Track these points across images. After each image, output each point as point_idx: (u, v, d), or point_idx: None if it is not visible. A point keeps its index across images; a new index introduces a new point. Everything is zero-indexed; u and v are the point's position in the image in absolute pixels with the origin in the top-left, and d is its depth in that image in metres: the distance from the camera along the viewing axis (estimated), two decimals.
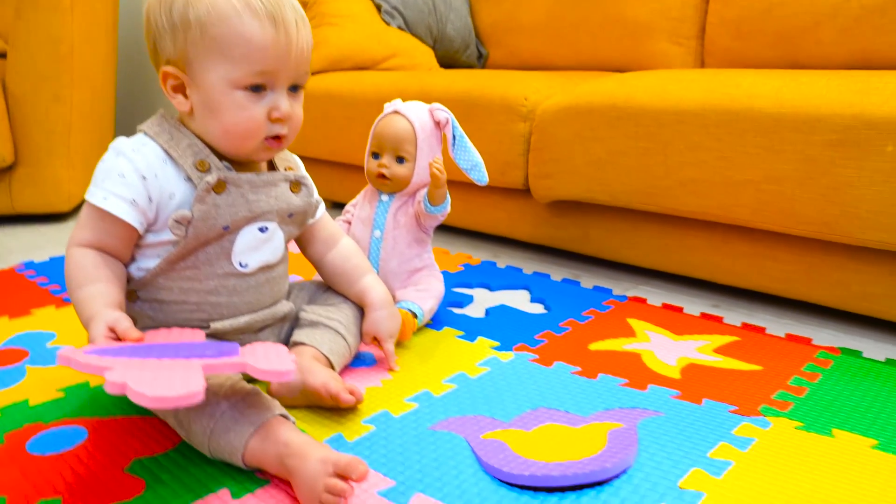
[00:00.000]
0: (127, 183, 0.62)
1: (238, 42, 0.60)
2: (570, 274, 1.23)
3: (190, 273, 0.67)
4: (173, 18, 0.60)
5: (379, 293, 0.80)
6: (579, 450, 0.60)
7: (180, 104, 0.64)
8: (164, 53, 0.62)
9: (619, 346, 0.88)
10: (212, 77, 0.61)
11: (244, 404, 0.60)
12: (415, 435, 0.66)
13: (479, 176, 0.96)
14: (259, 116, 0.63)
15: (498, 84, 1.32)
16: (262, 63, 0.61)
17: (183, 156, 0.63)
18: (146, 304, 0.68)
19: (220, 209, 0.64)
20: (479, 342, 0.89)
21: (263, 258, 0.69)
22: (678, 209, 1.06)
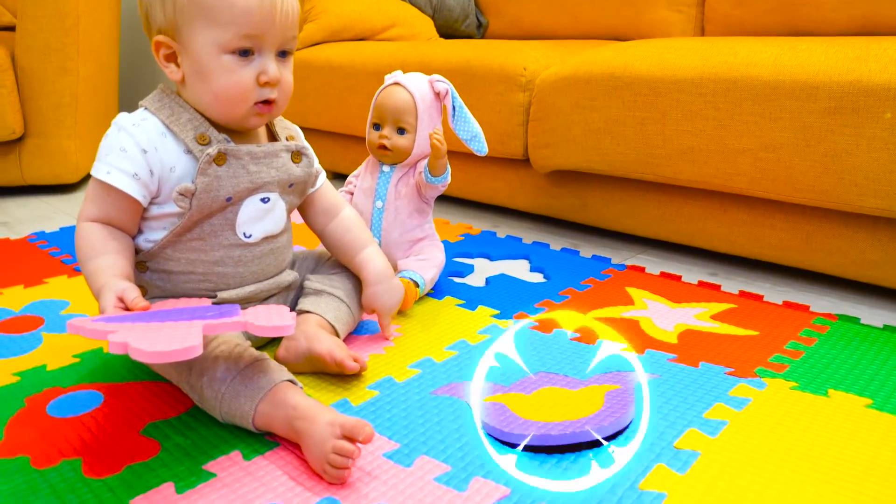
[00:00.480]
0: (128, 157, 0.62)
1: (223, 6, 0.60)
2: (569, 243, 1.23)
3: (196, 244, 0.67)
4: None
5: (377, 266, 0.78)
6: (577, 411, 0.61)
7: (172, 73, 0.64)
8: (155, 23, 0.63)
9: (617, 313, 0.89)
10: (200, 42, 0.61)
11: (253, 370, 0.60)
12: (418, 399, 0.67)
13: (478, 146, 0.95)
14: (247, 80, 0.63)
15: (497, 54, 1.30)
16: (248, 26, 0.61)
17: (183, 130, 0.64)
18: (155, 274, 0.69)
19: (221, 181, 0.64)
20: (479, 310, 0.89)
21: (266, 228, 0.70)
22: (676, 178, 1.06)
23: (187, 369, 0.62)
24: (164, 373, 0.66)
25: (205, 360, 0.61)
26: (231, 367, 0.60)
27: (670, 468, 0.53)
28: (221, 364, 0.61)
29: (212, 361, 0.61)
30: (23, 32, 1.50)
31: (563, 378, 0.70)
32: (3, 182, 1.57)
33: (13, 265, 1.09)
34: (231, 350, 0.62)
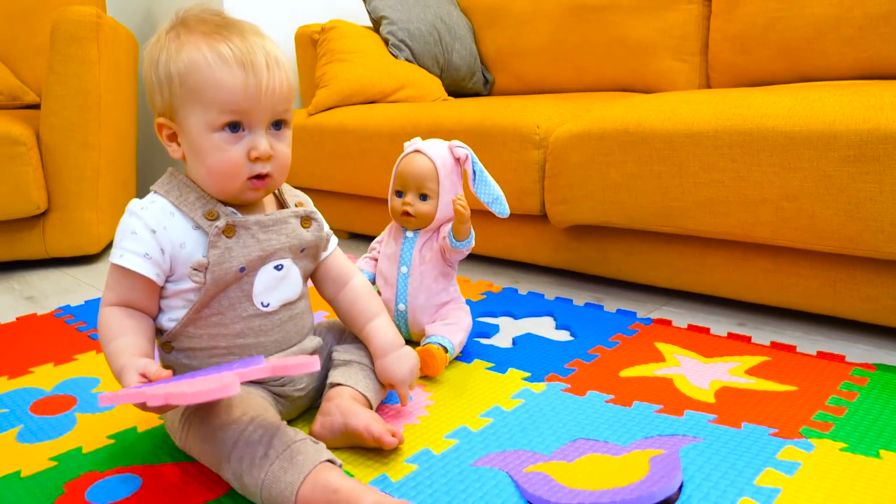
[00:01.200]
0: (138, 239, 0.65)
1: (209, 88, 0.63)
2: (592, 298, 1.23)
3: (216, 319, 0.68)
4: (159, 74, 0.65)
5: (384, 338, 0.77)
6: (623, 477, 0.60)
7: (174, 152, 0.68)
8: (156, 106, 0.67)
9: (649, 371, 0.88)
10: (192, 122, 0.65)
11: (291, 452, 0.60)
12: (458, 472, 0.66)
13: (500, 209, 0.96)
14: (237, 157, 0.65)
15: (509, 113, 1.32)
16: (233, 104, 0.64)
17: (192, 208, 0.67)
18: (181, 353, 0.70)
19: (232, 251, 0.66)
20: (510, 374, 0.89)
21: (284, 295, 0.71)
22: (697, 229, 1.06)
23: (226, 456, 0.61)
24: (202, 459, 0.65)
25: (240, 444, 0.61)
26: (269, 452, 0.60)
27: None
28: (259, 448, 0.60)
29: (247, 445, 0.60)
30: (47, 111, 1.55)
31: (604, 444, 0.69)
32: (26, 255, 1.59)
33: (42, 342, 1.10)
34: (266, 430, 0.61)
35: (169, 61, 0.64)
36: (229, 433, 0.61)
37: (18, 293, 1.42)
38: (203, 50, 0.64)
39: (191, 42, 0.64)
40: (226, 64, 0.63)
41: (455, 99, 1.83)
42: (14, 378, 0.95)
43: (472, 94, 1.98)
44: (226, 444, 0.61)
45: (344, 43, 1.79)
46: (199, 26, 0.65)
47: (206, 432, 0.63)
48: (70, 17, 1.53)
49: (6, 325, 1.19)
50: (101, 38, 1.57)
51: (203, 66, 0.63)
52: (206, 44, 0.64)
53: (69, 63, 1.54)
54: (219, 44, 0.64)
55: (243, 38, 0.65)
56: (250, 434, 0.61)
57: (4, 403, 0.87)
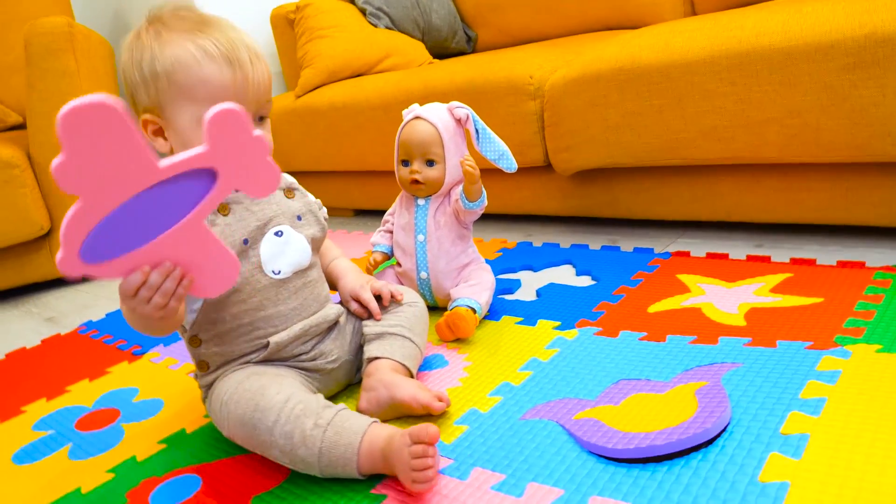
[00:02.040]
0: None
1: (200, 86, 0.65)
2: (607, 240, 1.23)
3: (234, 297, 0.70)
4: (144, 72, 0.66)
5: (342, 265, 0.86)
6: (674, 415, 0.61)
7: (161, 146, 0.69)
8: (140, 103, 0.68)
9: (676, 303, 0.89)
10: (183, 118, 0.66)
11: (341, 419, 0.63)
12: (508, 427, 0.67)
13: (507, 164, 0.96)
14: None
15: (500, 67, 1.30)
16: (224, 100, 0.64)
17: None
18: (210, 342, 0.72)
19: (232, 227, 0.70)
20: (540, 325, 0.90)
21: (292, 260, 0.73)
22: (704, 158, 1.06)
23: (269, 436, 0.63)
24: (246, 444, 0.66)
25: (282, 421, 0.62)
26: (318, 422, 0.62)
27: (785, 455, 0.54)
28: (307, 420, 0.62)
29: (291, 421, 0.62)
30: (34, 129, 1.53)
31: (647, 383, 0.70)
32: (38, 277, 1.59)
33: (73, 360, 1.11)
34: (307, 404, 0.64)
35: (154, 60, 0.65)
36: (269, 414, 0.63)
37: (38, 316, 1.43)
38: (188, 47, 0.65)
39: (174, 40, 0.66)
40: (213, 60, 0.65)
41: (441, 61, 1.80)
42: (53, 399, 0.96)
43: (457, 53, 1.95)
44: (266, 424, 0.63)
45: (321, 19, 1.75)
46: (178, 24, 0.67)
47: (245, 417, 0.64)
48: (42, 29, 1.50)
49: (33, 349, 1.20)
50: (77, 47, 1.54)
51: (191, 64, 0.65)
52: (191, 41, 0.65)
53: (48, 77, 1.51)
54: (203, 40, 0.65)
55: (224, 34, 0.67)
56: (291, 410, 0.63)
57: (49, 425, 0.88)
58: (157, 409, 0.87)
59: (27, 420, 0.91)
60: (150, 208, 0.50)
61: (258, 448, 0.65)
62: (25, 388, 1.02)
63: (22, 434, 0.87)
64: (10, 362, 1.15)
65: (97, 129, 0.45)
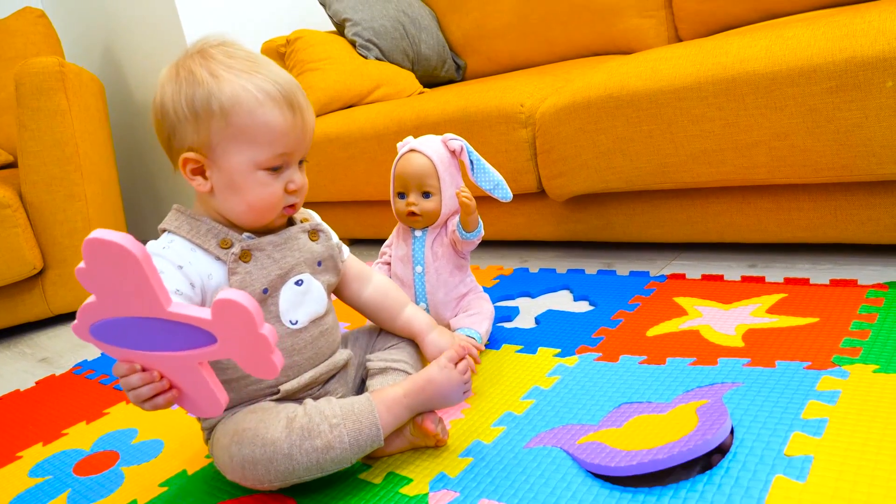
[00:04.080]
0: (167, 276, 0.65)
1: (262, 129, 0.64)
2: (603, 264, 1.24)
3: None
4: (196, 109, 0.64)
5: (422, 320, 0.83)
6: (675, 431, 0.62)
7: (200, 185, 0.67)
8: (183, 140, 0.66)
9: (674, 326, 0.90)
10: (236, 160, 0.65)
11: (348, 408, 0.67)
12: (513, 457, 0.68)
13: (502, 194, 0.97)
14: (279, 191, 0.68)
15: (491, 96, 1.33)
16: (284, 146, 0.66)
17: (206, 240, 0.68)
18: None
19: (253, 275, 0.68)
20: (540, 353, 0.90)
21: (310, 310, 0.72)
22: (695, 181, 1.08)
23: (289, 461, 0.63)
24: (266, 481, 0.65)
25: (297, 440, 0.64)
26: (332, 421, 0.65)
27: (790, 477, 0.54)
28: (321, 426, 0.64)
29: (306, 436, 0.64)
30: (26, 169, 1.54)
31: (648, 405, 0.71)
32: (31, 317, 1.59)
33: (68, 402, 1.10)
34: (310, 414, 0.65)
35: (211, 97, 0.63)
36: (279, 445, 0.63)
37: (31, 357, 1.42)
38: (249, 88, 0.64)
39: (232, 79, 0.64)
40: (276, 104, 0.64)
41: (432, 90, 1.83)
42: (49, 443, 0.95)
43: (446, 81, 1.98)
44: (282, 453, 0.63)
45: (312, 52, 1.78)
46: (232, 61, 0.65)
47: (255, 456, 0.64)
48: (32, 69, 1.52)
49: (27, 391, 1.19)
50: (68, 86, 1.56)
51: (254, 107, 0.64)
52: (250, 81, 0.64)
53: (40, 116, 1.53)
54: (262, 81, 0.64)
55: (280, 75, 0.66)
56: (299, 431, 0.64)
57: (46, 470, 0.87)
58: (158, 451, 0.86)
59: (23, 466, 0.90)
60: (153, 328, 0.53)
61: (277, 480, 0.64)
62: (21, 433, 1.01)
63: (18, 481, 0.86)
64: (3, 406, 1.13)
65: (114, 262, 0.49)
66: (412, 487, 0.66)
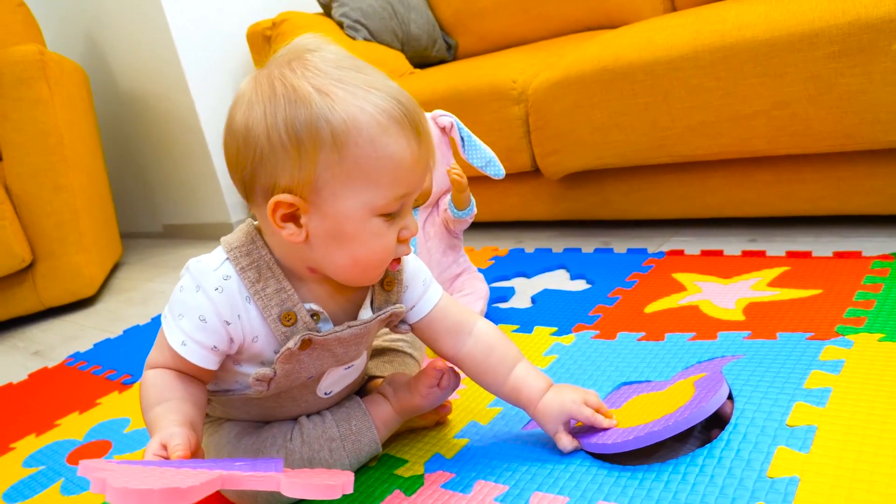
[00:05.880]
0: (208, 329, 0.55)
1: (385, 164, 0.51)
2: (600, 242, 1.23)
3: (271, 403, 0.64)
4: (299, 135, 0.49)
5: (534, 385, 0.64)
6: (672, 405, 0.61)
7: (292, 235, 0.53)
8: (275, 177, 0.51)
9: (673, 302, 0.89)
10: (349, 204, 0.51)
11: (344, 423, 0.65)
12: (510, 438, 0.67)
13: (495, 171, 0.96)
14: (392, 243, 0.55)
15: (482, 73, 1.31)
16: (407, 185, 0.53)
17: (268, 305, 0.56)
18: (218, 407, 0.67)
19: (303, 363, 0.60)
20: (536, 332, 0.89)
21: (349, 381, 0.68)
22: (692, 154, 1.06)
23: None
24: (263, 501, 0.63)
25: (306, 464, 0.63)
26: (332, 444, 0.63)
27: (792, 448, 0.53)
28: (322, 452, 0.63)
29: (307, 463, 0.63)
30: (10, 161, 1.52)
31: (648, 384, 0.70)
32: (22, 311, 1.58)
33: (61, 393, 1.09)
34: (308, 442, 0.63)
35: (319, 119, 0.49)
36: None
37: (23, 350, 1.41)
38: (369, 110, 0.50)
39: (346, 97, 0.50)
40: (401, 130, 0.51)
41: (422, 70, 1.81)
42: (42, 434, 0.95)
43: (438, 62, 1.96)
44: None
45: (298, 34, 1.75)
46: (340, 73, 0.51)
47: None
48: (12, 58, 1.50)
49: (20, 383, 1.18)
50: (49, 74, 1.54)
51: (376, 134, 0.50)
52: (369, 101, 0.50)
53: (22, 107, 1.51)
54: (383, 100, 0.50)
55: (397, 90, 0.52)
56: (302, 459, 0.62)
57: (39, 461, 0.87)
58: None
59: (17, 457, 0.89)
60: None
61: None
62: (14, 425, 1.00)
63: (12, 471, 0.85)
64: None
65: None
66: (407, 469, 0.65)
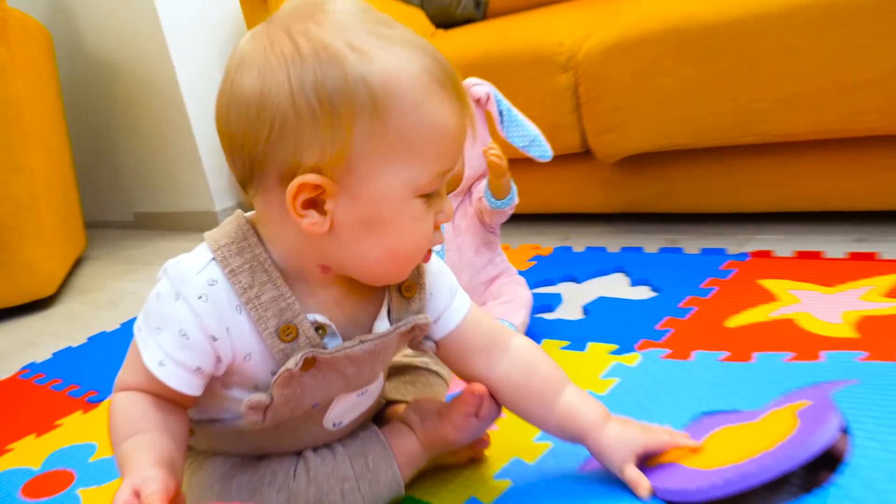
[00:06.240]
0: (190, 346, 0.54)
1: (432, 134, 0.50)
2: (666, 241, 1.23)
3: (267, 437, 0.62)
4: (333, 101, 0.48)
5: (589, 412, 0.62)
6: (768, 440, 0.58)
7: (314, 225, 0.51)
8: (296, 156, 0.49)
9: (763, 315, 0.87)
10: (389, 183, 0.51)
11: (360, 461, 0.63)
12: (563, 482, 0.64)
13: (540, 152, 0.96)
14: (431, 228, 0.55)
15: (521, 35, 1.32)
16: (451, 159, 0.53)
17: (263, 316, 0.54)
18: (203, 440, 0.66)
19: (306, 387, 0.57)
20: (591, 349, 0.88)
21: (362, 409, 0.66)
22: (785, 133, 1.05)
23: None
24: None
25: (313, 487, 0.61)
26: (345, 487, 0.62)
27: None
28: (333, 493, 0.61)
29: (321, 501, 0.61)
30: None
31: (736, 414, 0.66)
32: None
33: (15, 411, 1.10)
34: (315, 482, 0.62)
35: (355, 82, 0.48)
36: None
37: None
38: (410, 69, 0.49)
39: (382, 54, 0.49)
40: (446, 92, 0.51)
41: (447, 31, 1.81)
42: None
43: (464, 21, 1.94)
44: None
45: None
46: (373, 27, 0.50)
47: None
48: None
49: None
50: (10, 36, 1.55)
51: (421, 97, 0.49)
52: (408, 58, 0.49)
53: None
54: (424, 57, 0.50)
55: (431, 46, 0.52)
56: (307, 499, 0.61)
57: None
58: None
59: None
60: None
61: None
62: None
63: None
64: None
65: None
66: None
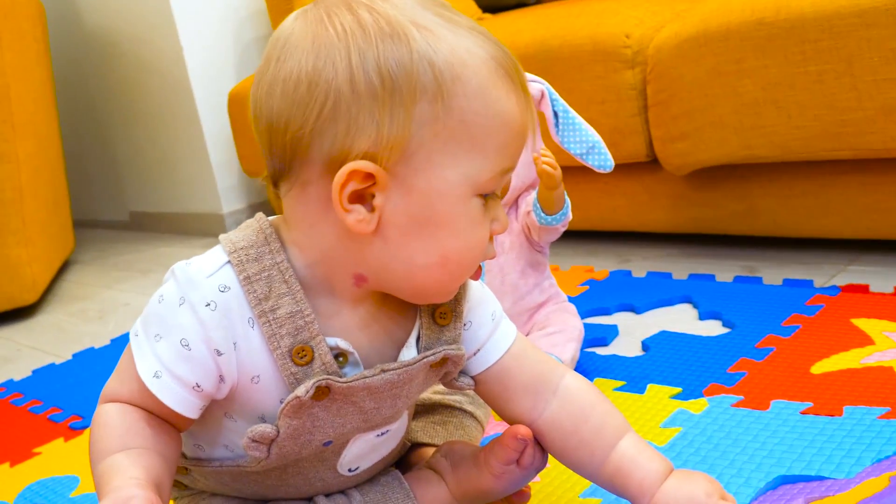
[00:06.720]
0: (192, 359, 0.54)
1: (496, 124, 0.53)
2: (741, 268, 1.23)
3: (273, 480, 0.63)
4: (395, 80, 0.50)
5: (647, 467, 0.61)
6: None
7: (361, 223, 0.52)
8: (348, 140, 0.51)
9: (854, 360, 0.87)
10: (447, 176, 0.52)
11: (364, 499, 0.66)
12: None
13: (601, 161, 0.96)
14: (486, 236, 0.57)
15: (581, 24, 1.33)
16: (513, 157, 0.55)
17: (277, 333, 0.55)
18: (199, 480, 0.67)
19: (318, 421, 0.57)
20: (651, 392, 0.89)
21: (381, 454, 0.67)
22: (885, 148, 1.05)
23: None
24: None
25: None
26: None
27: None
28: None
29: None
30: None
31: (821, 484, 0.67)
32: None
33: None
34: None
35: (419, 62, 0.50)
36: None
37: None
38: (477, 53, 0.52)
39: (448, 35, 0.51)
40: (511, 82, 0.53)
41: (495, 16, 1.83)
42: None
43: (515, 5, 1.97)
44: None
45: None
46: (436, 7, 0.53)
47: None
48: None
49: None
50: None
51: (487, 84, 0.52)
52: (474, 42, 0.52)
53: None
54: (488, 43, 0.53)
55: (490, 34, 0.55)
56: None
57: None
58: None
59: None
60: None
61: None
62: None
63: None
64: None
65: None
66: None
